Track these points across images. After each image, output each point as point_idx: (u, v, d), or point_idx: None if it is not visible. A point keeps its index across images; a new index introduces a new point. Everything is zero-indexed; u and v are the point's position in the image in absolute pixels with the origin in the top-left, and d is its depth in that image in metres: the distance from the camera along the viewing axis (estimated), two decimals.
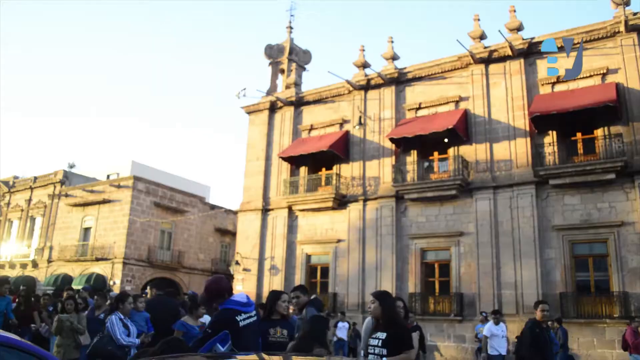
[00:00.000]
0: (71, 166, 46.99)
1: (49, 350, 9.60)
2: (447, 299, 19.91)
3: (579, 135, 19.51)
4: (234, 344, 4.43)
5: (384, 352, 4.98)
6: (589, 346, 17.54)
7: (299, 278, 23.02)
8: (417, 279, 20.65)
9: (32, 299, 12.31)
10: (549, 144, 19.22)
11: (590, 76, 19.09)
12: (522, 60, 20.42)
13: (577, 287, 18.44)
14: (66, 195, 35.07)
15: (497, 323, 12.27)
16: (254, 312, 4.78)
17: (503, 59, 20.77)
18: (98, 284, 28.62)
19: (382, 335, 5.00)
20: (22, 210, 37.68)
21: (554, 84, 19.69)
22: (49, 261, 34.40)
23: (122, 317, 7.48)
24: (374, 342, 5.08)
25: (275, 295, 6.01)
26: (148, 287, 11.34)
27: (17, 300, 11.86)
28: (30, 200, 37.44)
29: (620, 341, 17.16)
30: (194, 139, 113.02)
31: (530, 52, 20.28)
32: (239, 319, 4.58)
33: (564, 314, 18.00)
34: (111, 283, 30.00)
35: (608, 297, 17.76)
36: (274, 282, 22.65)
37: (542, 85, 19.96)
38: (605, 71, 18.91)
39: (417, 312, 19.32)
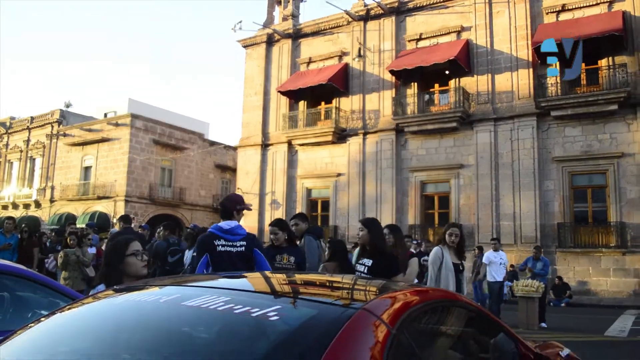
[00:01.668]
0: (67, 105, 46.38)
1: None
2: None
3: (582, 65, 19.11)
4: (213, 268, 4.52)
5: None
6: (585, 274, 17.96)
7: (299, 212, 23.23)
8: (417, 211, 20.88)
9: (34, 236, 12.51)
10: None
11: (597, 4, 18.57)
12: None
13: (575, 218, 18.70)
14: (64, 135, 34.83)
15: (496, 250, 12.46)
16: (239, 242, 4.75)
17: None
18: (101, 222, 28.92)
19: (369, 262, 5.00)
20: (21, 151, 37.55)
21: (558, 12, 19.18)
22: (52, 201, 34.59)
23: None
24: (360, 268, 5.08)
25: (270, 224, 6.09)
26: (116, 220, 11.45)
27: (20, 236, 12.02)
28: (28, 140, 37.23)
29: (616, 270, 17.63)
30: (191, 75, 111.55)
31: None
32: (216, 243, 4.65)
33: (561, 243, 18.34)
34: (114, 221, 30.31)
35: (605, 227, 18.04)
36: (276, 216, 22.81)
37: (547, 14, 19.45)
38: None
39: None
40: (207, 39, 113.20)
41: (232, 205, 4.94)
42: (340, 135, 22.84)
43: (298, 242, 6.82)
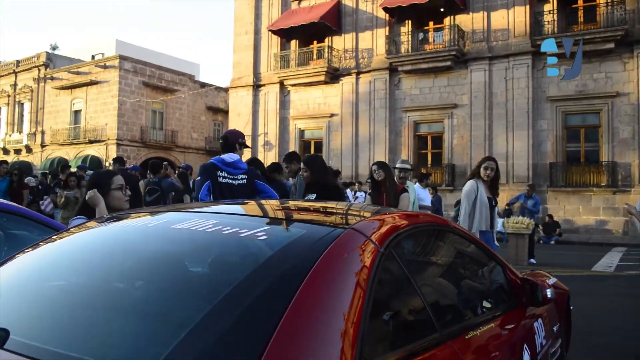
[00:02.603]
0: (53, 48, 45.38)
1: None
2: (439, 170, 20.25)
3: (580, 2, 18.78)
4: (214, 198, 4.53)
5: None
6: (575, 213, 18.19)
7: None
8: (410, 152, 20.86)
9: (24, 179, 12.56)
10: (549, 11, 18.55)
11: None
12: None
13: (567, 158, 18.79)
14: (52, 78, 34.20)
15: None
16: (241, 176, 4.76)
17: None
18: (94, 166, 28.84)
19: (312, 196, 5.02)
20: (8, 95, 36.89)
21: None
22: (43, 146, 34.36)
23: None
24: None
25: None
26: (111, 161, 11.45)
27: (11, 178, 12.03)
28: (15, 85, 36.53)
29: (605, 208, 17.86)
30: (179, 15, 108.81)
31: None
32: (218, 174, 4.64)
33: (552, 183, 18.48)
34: (106, 164, 30.20)
35: (597, 166, 18.16)
36: (268, 158, 22.80)
37: None
38: None
39: None
40: None
41: (235, 139, 4.91)
42: (333, 75, 22.53)
43: (294, 180, 6.91)
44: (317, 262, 1.42)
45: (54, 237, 2.09)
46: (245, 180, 4.76)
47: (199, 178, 4.66)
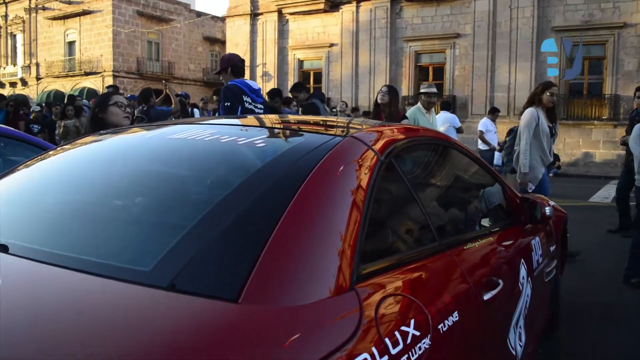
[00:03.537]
0: None
1: None
2: (440, 101, 20.04)
3: None
4: None
5: None
6: (574, 146, 18.18)
7: (291, 84, 22.90)
8: (411, 83, 20.60)
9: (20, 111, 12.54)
10: None
11: None
12: None
13: (569, 90, 18.56)
14: (43, 9, 33.29)
15: (493, 120, 12.49)
16: (260, 106, 4.76)
17: None
18: (91, 98, 28.59)
19: None
20: None
21: None
22: (38, 78, 33.88)
23: None
24: None
25: None
26: (106, 89, 11.44)
27: (6, 110, 11.97)
28: (6, 16, 35.56)
29: (605, 142, 17.82)
30: None
31: None
32: (244, 98, 4.58)
33: None
34: None
35: (599, 99, 17.97)
36: (267, 89, 22.40)
37: None
38: None
39: None
40: None
41: (243, 64, 4.97)
42: (333, 3, 21.87)
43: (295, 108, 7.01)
44: (316, 167, 1.40)
45: (40, 156, 2.03)
46: (262, 111, 4.77)
47: (227, 104, 4.51)
